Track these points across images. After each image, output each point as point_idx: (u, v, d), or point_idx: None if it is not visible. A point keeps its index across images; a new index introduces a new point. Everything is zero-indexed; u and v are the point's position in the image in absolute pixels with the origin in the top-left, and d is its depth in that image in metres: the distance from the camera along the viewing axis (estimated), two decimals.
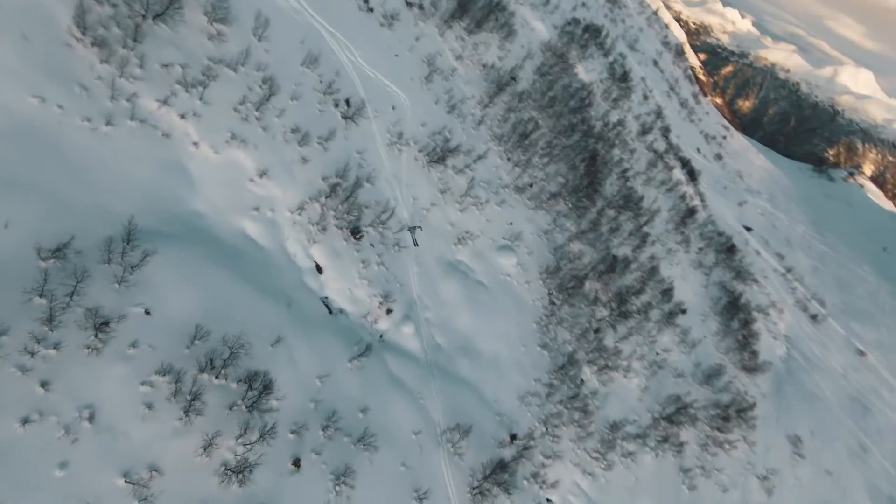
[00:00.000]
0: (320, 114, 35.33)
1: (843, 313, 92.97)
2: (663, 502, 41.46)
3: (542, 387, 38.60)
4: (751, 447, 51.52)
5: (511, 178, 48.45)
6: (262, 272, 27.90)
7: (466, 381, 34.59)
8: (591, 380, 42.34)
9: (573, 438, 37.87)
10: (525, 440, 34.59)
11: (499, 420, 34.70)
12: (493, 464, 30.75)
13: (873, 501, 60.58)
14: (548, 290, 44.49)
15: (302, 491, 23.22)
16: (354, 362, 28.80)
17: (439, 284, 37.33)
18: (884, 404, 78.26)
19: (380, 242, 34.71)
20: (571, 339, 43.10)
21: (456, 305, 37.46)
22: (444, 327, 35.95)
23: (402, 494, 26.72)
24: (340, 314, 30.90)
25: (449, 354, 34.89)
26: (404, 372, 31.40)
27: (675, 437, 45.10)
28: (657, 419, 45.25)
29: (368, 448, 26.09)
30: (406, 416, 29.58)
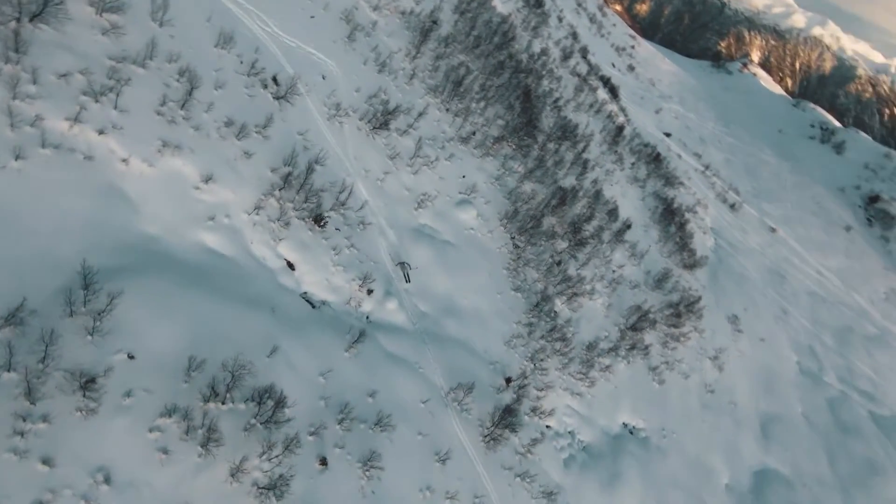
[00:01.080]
0: (251, 99, 32.14)
1: (754, 197, 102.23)
2: (640, 400, 45.83)
3: (522, 328, 40.25)
4: (700, 334, 57.30)
5: (454, 130, 47.34)
6: (236, 283, 26.23)
7: (456, 340, 35.35)
8: (562, 310, 44.59)
9: (558, 367, 40.33)
10: (519, 380, 36.43)
11: (492, 368, 36.12)
12: (498, 410, 32.38)
13: (798, 353, 70.22)
14: (510, 234, 45.25)
15: (335, 486, 23.49)
16: (351, 350, 28.48)
17: (410, 253, 36.90)
18: (795, 270, 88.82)
19: (344, 224, 33.36)
20: (539, 277, 44.69)
21: (430, 270, 37.39)
22: (425, 294, 36.02)
23: (426, 461, 27.73)
24: (324, 306, 30.03)
25: (435, 319, 35.25)
26: (398, 347, 31.53)
27: (641, 343, 49.18)
28: (623, 330, 48.92)
29: (386, 429, 26.51)
30: (411, 388, 30.09)
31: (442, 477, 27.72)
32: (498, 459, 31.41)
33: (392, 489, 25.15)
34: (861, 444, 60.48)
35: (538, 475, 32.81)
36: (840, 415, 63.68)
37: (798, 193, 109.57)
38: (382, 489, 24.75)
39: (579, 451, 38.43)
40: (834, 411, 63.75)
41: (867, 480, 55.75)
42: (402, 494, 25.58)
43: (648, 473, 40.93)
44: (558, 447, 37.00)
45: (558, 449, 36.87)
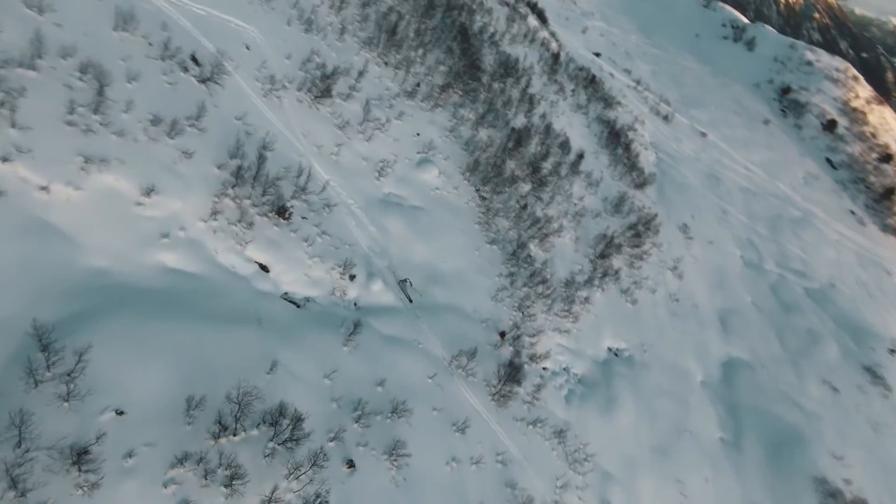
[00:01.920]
0: (173, 88, 27.57)
1: (682, 105, 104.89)
2: (618, 323, 47.72)
3: (505, 279, 39.94)
4: (659, 249, 59.74)
5: (398, 85, 43.86)
6: (211, 301, 23.57)
7: (446, 306, 34.52)
8: (537, 253, 44.55)
9: (544, 310, 40.77)
10: (512, 332, 36.55)
11: (485, 326, 35.87)
12: (502, 367, 32.48)
13: (740, 248, 75.36)
14: (474, 187, 43.76)
15: (366, 484, 22.83)
16: (349, 344, 26.97)
17: (382, 226, 34.83)
18: (727, 170, 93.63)
19: (309, 211, 30.57)
20: (511, 225, 44.02)
21: (405, 240, 35.66)
22: (405, 266, 34.49)
23: (446, 435, 27.54)
24: (308, 303, 27.94)
25: (422, 290, 34.05)
26: (393, 328, 30.31)
27: (611, 269, 50.58)
28: (594, 260, 49.95)
29: (403, 414, 25.81)
30: (415, 367, 29.29)
31: (464, 445, 27.76)
32: (509, 414, 31.87)
33: (421, 471, 24.87)
34: (801, 319, 67.29)
35: (547, 418, 33.79)
36: (781, 296, 70.07)
37: (720, 95, 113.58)
38: (412, 474, 24.41)
39: (576, 384, 39.85)
40: (776, 294, 70.00)
41: (810, 349, 62.54)
42: (431, 473, 25.41)
43: (637, 389, 43.42)
44: (557, 386, 38.12)
45: (558, 387, 38.00)
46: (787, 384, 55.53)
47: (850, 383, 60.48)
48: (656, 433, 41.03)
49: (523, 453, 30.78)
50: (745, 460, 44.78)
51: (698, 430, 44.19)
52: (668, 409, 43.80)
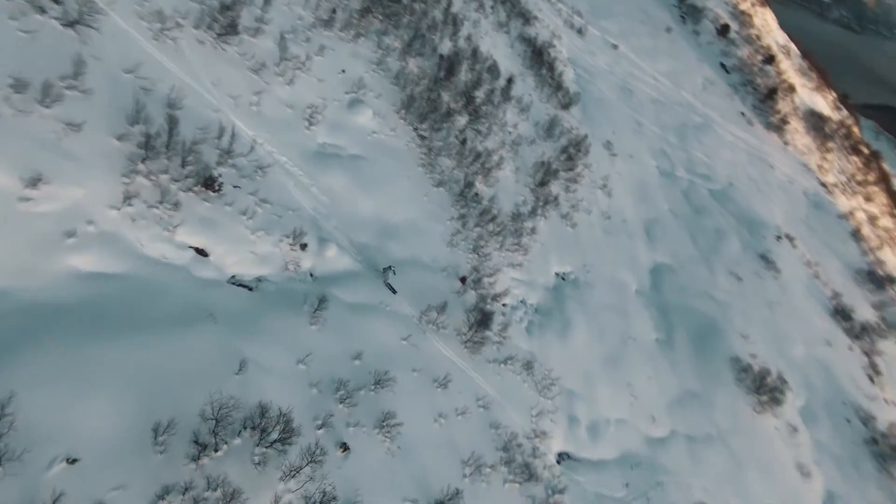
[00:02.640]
0: (32, 39, 20.96)
1: (593, 17, 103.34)
2: (562, 248, 48.93)
3: (456, 222, 38.53)
4: (589, 169, 60.91)
5: (310, 12, 37.67)
6: (150, 304, 19.90)
7: (405, 261, 32.72)
8: (483, 190, 43.21)
9: (497, 248, 40.37)
10: (472, 275, 35.95)
11: (445, 274, 34.83)
12: (470, 315, 32.10)
13: (655, 158, 79.34)
14: (412, 126, 40.42)
15: (365, 463, 22.02)
16: (316, 321, 24.73)
17: (323, 184, 31.27)
18: (637, 82, 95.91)
19: (241, 178, 26.31)
20: (454, 164, 41.81)
21: (350, 195, 32.50)
22: (356, 223, 31.72)
23: (430, 393, 27.11)
24: (261, 283, 24.85)
25: (377, 247, 31.80)
26: (357, 294, 28.24)
27: (550, 196, 50.86)
28: (534, 189, 49.77)
29: (386, 384, 24.75)
30: (388, 331, 27.88)
31: (447, 399, 27.63)
32: (482, 358, 32.04)
33: (413, 435, 24.46)
34: (709, 220, 73.99)
35: (516, 354, 34.57)
36: (692, 200, 76.03)
37: (626, 5, 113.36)
38: (405, 441, 23.93)
39: (533, 314, 40.93)
40: (688, 199, 75.77)
41: (717, 246, 69.57)
42: (422, 434, 25.12)
43: (585, 308, 45.74)
44: (518, 320, 38.85)
45: (518, 321, 38.74)
46: (702, 280, 61.73)
47: (750, 271, 68.69)
48: (606, 345, 44.07)
49: (500, 393, 31.48)
50: (677, 354, 50.07)
51: (638, 336, 48.17)
52: (612, 321, 46.91)
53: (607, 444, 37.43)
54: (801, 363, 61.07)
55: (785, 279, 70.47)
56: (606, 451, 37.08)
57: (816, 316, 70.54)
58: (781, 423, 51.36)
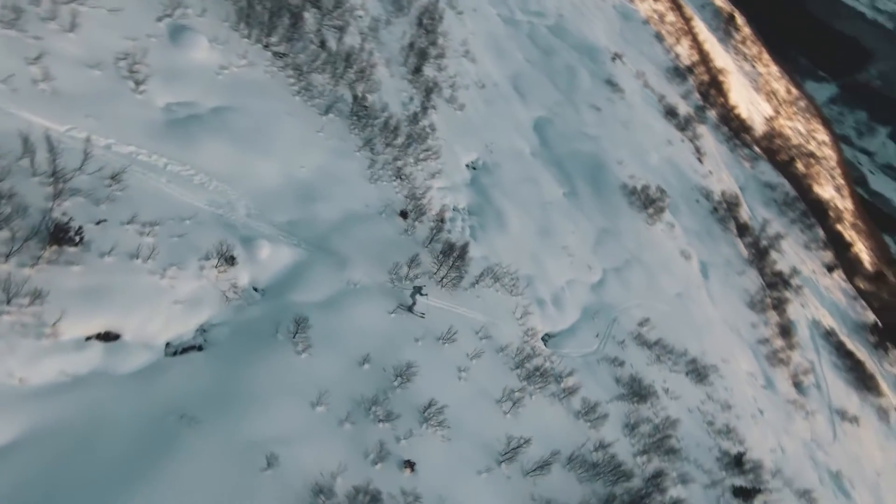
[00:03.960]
0: None
1: None
2: (460, 135, 45.37)
3: (365, 150, 32.32)
4: (447, 38, 54.83)
5: None
6: (92, 444, 13.03)
7: (341, 221, 26.92)
8: (369, 99, 36.23)
9: (412, 164, 35.69)
10: (410, 204, 31.64)
11: (384, 216, 29.91)
12: (437, 254, 28.72)
13: (493, 6, 74.73)
14: (261, 44, 30.47)
15: (431, 466, 19.64)
16: (303, 348, 19.38)
17: (201, 165, 22.59)
18: None
19: (96, 205, 17.25)
20: (328, 78, 33.63)
21: (240, 164, 24.31)
22: (268, 202, 24.37)
23: (441, 355, 24.52)
24: (209, 334, 18.12)
25: (306, 218, 25.31)
26: (317, 288, 22.68)
27: (427, 81, 45.27)
28: (411, 80, 43.67)
29: (410, 377, 21.44)
30: (372, 313, 23.50)
31: (457, 352, 25.50)
32: (459, 290, 29.72)
33: (453, 409, 22.20)
34: (557, 58, 74.51)
35: (474, 266, 32.81)
36: (538, 42, 75.01)
37: None
38: (452, 420, 21.69)
39: (469, 217, 38.78)
40: (534, 42, 74.48)
41: (573, 83, 71.55)
42: (457, 399, 23.06)
43: (505, 191, 44.62)
44: (461, 229, 36.52)
45: (462, 230, 36.46)
46: (574, 122, 64.16)
47: (603, 99, 73.05)
48: (533, 219, 44.58)
49: (487, 314, 30.25)
50: (583, 201, 53.28)
51: (550, 197, 49.54)
52: (528, 193, 47.05)
53: (570, 309, 39.92)
54: (658, 167, 70.00)
55: (628, 97, 76.68)
56: (571, 314, 39.66)
57: (655, 121, 79.67)
58: (664, 224, 60.00)
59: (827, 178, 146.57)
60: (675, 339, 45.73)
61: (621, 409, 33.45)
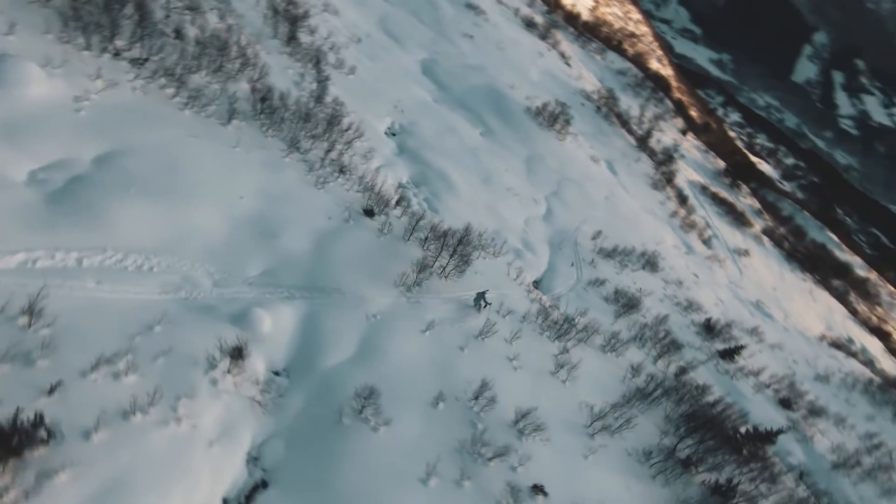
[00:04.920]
0: None
1: None
2: (365, 103, 40.05)
3: (293, 154, 26.48)
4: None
5: None
6: None
7: (310, 251, 21.96)
8: (263, 89, 29.46)
9: (346, 149, 30.57)
10: (373, 201, 27.20)
11: (351, 222, 25.24)
12: (433, 241, 25.21)
13: None
14: (109, 52, 22.20)
15: (553, 469, 17.78)
16: (374, 424, 15.54)
17: (125, 242, 16.14)
18: None
19: (33, 361, 11.07)
20: (207, 76, 26.30)
21: (171, 222, 17.97)
22: (229, 259, 18.61)
23: (469, 346, 22.08)
24: (259, 465, 13.50)
25: (276, 263, 20.07)
26: (337, 346, 18.35)
27: (311, 50, 38.60)
28: (291, 52, 36.72)
29: (484, 394, 18.82)
30: (406, 346, 19.85)
31: (498, 342, 23.18)
32: (465, 275, 26.77)
33: (530, 405, 20.36)
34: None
35: (443, 238, 30.03)
36: None
37: None
38: (538, 418, 19.85)
39: (417, 188, 35.18)
40: None
41: (438, 16, 66.44)
42: (527, 395, 21.14)
43: (434, 148, 40.94)
44: (418, 204, 32.93)
45: (420, 206, 32.90)
46: (456, 55, 60.81)
47: (470, 24, 70.10)
48: (473, 170, 42.13)
49: (493, 286, 28.01)
50: (499, 135, 51.68)
51: (472, 142, 47.12)
52: (454, 144, 44.09)
53: (540, 248, 39.38)
54: (540, 81, 70.63)
55: (491, 18, 74.66)
56: (543, 253, 39.19)
57: (520, 36, 79.37)
58: (571, 136, 61.40)
59: (650, 52, 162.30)
60: (622, 240, 48.19)
61: (624, 325, 34.49)
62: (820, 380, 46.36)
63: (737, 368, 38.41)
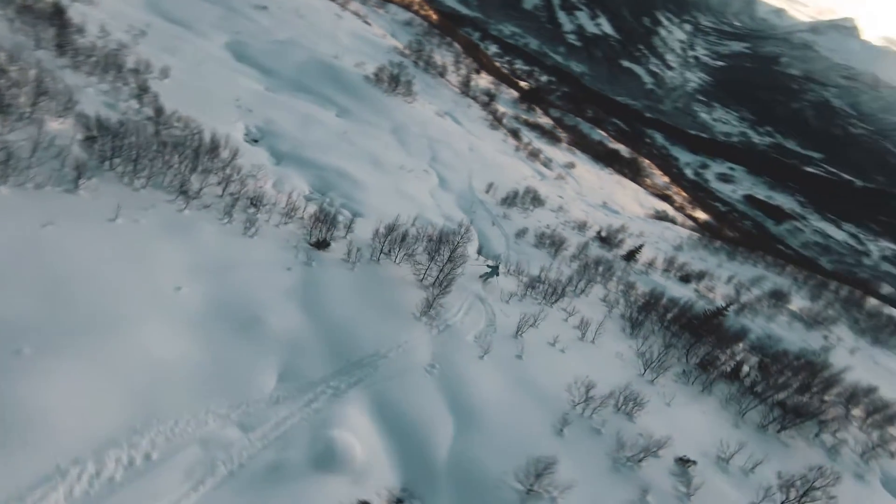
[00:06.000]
0: None
1: None
2: (208, 110, 31.16)
3: (190, 202, 18.85)
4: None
5: None
6: None
7: (304, 323, 16.30)
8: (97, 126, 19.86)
9: (235, 174, 23.21)
10: (299, 227, 21.47)
11: (316, 265, 19.61)
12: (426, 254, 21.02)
13: None
14: None
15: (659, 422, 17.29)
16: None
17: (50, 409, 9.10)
18: None
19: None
20: (21, 133, 16.41)
21: (114, 373, 10.94)
22: (233, 385, 12.31)
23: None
24: None
25: (295, 359, 14.30)
26: (432, 433, 14.22)
27: (120, 65, 27.75)
28: (106, 74, 25.74)
29: (590, 395, 16.97)
30: (488, 379, 16.56)
31: (538, 334, 21.32)
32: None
33: (606, 382, 19.41)
34: None
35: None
36: None
37: None
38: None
39: (324, 195, 29.45)
40: None
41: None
42: (598, 373, 20.11)
43: (311, 146, 34.37)
44: (345, 220, 27.60)
45: (347, 219, 27.65)
46: (260, 31, 51.53)
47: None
48: (358, 158, 37.01)
49: (472, 279, 25.60)
50: (353, 110, 46.31)
51: (336, 127, 41.25)
52: (320, 135, 37.93)
53: (458, 218, 37.52)
54: (354, 45, 65.61)
55: None
56: (465, 222, 37.45)
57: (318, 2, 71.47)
58: (416, 98, 58.77)
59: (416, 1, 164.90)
60: (504, 185, 49.27)
61: (566, 266, 35.67)
62: (677, 249, 56.46)
63: (645, 265, 43.76)
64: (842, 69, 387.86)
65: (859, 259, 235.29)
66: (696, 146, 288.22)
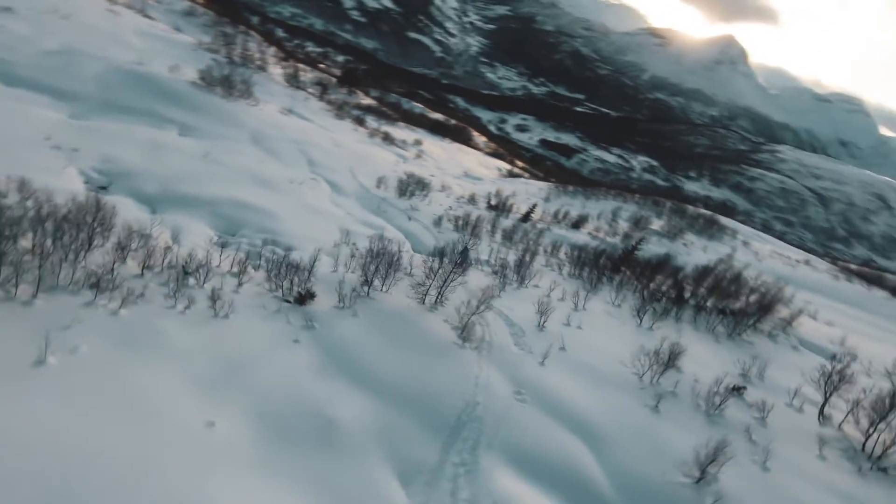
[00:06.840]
0: None
1: None
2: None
3: (100, 299, 12.87)
4: None
5: None
6: None
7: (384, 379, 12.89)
8: None
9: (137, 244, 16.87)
10: (252, 289, 16.95)
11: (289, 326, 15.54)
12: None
13: None
14: None
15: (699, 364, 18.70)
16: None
17: None
18: None
19: None
20: None
21: None
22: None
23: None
24: None
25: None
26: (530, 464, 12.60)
27: None
28: None
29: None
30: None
31: (551, 332, 20.75)
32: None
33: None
34: None
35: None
36: None
37: None
38: None
39: (258, 235, 23.70)
40: None
41: None
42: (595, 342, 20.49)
43: (179, 180, 26.92)
44: (273, 254, 22.66)
45: (277, 255, 22.76)
46: (21, 40, 38.14)
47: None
48: (245, 182, 30.58)
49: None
50: (196, 126, 38.02)
51: (191, 150, 33.28)
52: (181, 163, 30.28)
53: (376, 222, 34.38)
54: (147, 46, 54.04)
55: None
56: (384, 224, 34.48)
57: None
58: (260, 100, 50.87)
59: None
60: (386, 177, 46.79)
61: (496, 243, 35.81)
62: (546, 201, 61.71)
63: (540, 222, 46.60)
64: (582, 22, 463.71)
65: (629, 174, 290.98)
66: (492, 104, 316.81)
